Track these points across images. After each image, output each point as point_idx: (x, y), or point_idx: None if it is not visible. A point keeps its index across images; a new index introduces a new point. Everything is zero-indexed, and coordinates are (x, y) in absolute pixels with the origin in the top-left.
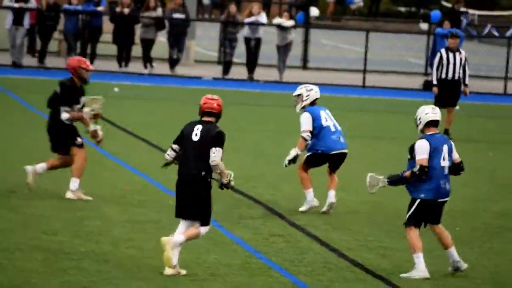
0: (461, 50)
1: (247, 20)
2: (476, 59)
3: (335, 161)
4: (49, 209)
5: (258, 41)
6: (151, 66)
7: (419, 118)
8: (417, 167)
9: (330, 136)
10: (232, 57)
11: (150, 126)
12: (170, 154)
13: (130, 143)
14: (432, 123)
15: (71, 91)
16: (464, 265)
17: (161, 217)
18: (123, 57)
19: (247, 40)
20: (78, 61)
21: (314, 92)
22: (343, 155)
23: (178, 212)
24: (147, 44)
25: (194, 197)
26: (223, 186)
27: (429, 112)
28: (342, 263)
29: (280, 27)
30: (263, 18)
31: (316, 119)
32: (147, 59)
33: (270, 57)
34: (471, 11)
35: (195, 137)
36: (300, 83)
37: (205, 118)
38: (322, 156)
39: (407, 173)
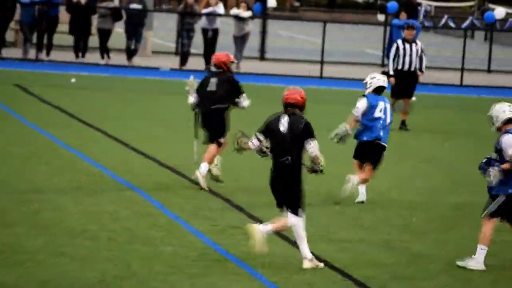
0: (417, 41)
1: (204, 10)
2: (433, 50)
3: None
4: (4, 202)
5: (216, 32)
6: (108, 56)
7: (496, 117)
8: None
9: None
10: (189, 48)
11: (107, 117)
12: (254, 143)
13: (86, 134)
14: (510, 120)
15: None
16: None
17: (117, 208)
18: (80, 47)
19: (204, 31)
20: (227, 56)
21: (377, 80)
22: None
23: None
24: (104, 35)
25: (286, 187)
26: (315, 171)
27: (507, 109)
28: (298, 254)
29: (237, 18)
30: (220, 9)
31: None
32: (104, 49)
33: (228, 48)
34: (427, 2)
35: (282, 128)
36: (257, 74)
37: (290, 110)
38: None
39: (506, 165)
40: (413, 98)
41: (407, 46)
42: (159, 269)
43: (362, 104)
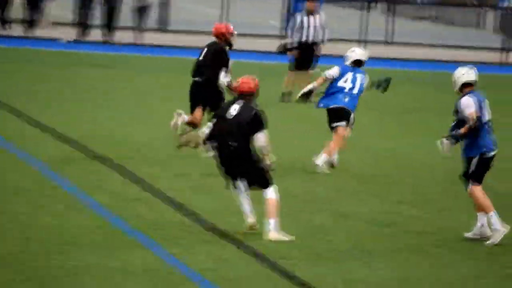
0: (320, 13)
1: None
2: (334, 22)
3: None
4: None
5: (116, 2)
6: (9, 27)
7: (454, 81)
8: (472, 121)
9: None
10: (89, 19)
11: (5, 88)
12: (205, 131)
13: None
14: (468, 84)
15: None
16: (490, 233)
17: (19, 181)
18: None
19: (104, 2)
20: (226, 28)
21: (355, 54)
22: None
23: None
24: (3, 5)
25: (240, 169)
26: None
27: (464, 72)
28: (201, 226)
29: None
30: None
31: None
32: (3, 20)
33: (128, 20)
34: None
35: (232, 113)
36: (159, 46)
37: (244, 98)
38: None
39: (462, 130)
40: (315, 70)
41: (310, 18)
42: (59, 241)
43: (333, 71)
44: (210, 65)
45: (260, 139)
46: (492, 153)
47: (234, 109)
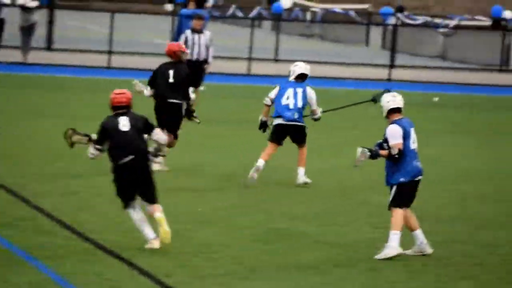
0: (205, 31)
1: None
2: (221, 40)
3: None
4: None
5: (2, 21)
6: None
7: (382, 107)
8: (395, 150)
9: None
10: None
11: None
12: (94, 153)
13: None
14: (395, 110)
15: None
16: (429, 249)
17: None
18: None
19: None
20: (178, 46)
21: (298, 68)
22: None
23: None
24: None
25: (144, 181)
26: (158, 155)
27: (390, 100)
28: (86, 245)
29: (23, 8)
30: None
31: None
32: None
33: (15, 39)
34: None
35: (125, 128)
36: (45, 65)
37: (120, 111)
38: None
39: (384, 152)
40: (202, 88)
41: (196, 36)
42: None
43: (271, 93)
44: (183, 86)
45: (158, 133)
46: (414, 179)
47: (123, 123)
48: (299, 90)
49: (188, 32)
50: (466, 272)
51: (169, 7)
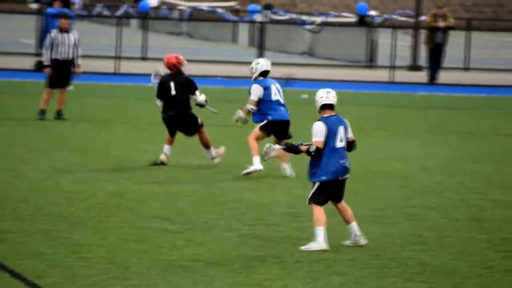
0: (73, 30)
1: None
2: (88, 39)
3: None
4: None
5: None
6: None
7: (315, 101)
8: (313, 147)
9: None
10: None
11: None
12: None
13: None
14: (327, 106)
15: None
16: (363, 241)
17: None
18: None
19: None
20: (177, 58)
21: (260, 65)
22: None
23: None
24: None
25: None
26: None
27: (324, 95)
28: None
29: None
30: None
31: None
32: None
33: None
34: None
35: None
36: None
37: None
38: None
39: (303, 147)
40: (70, 87)
41: (63, 35)
42: None
43: (257, 91)
44: (184, 97)
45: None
46: (337, 178)
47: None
48: (277, 85)
49: (55, 32)
50: (338, 268)
51: (34, 6)
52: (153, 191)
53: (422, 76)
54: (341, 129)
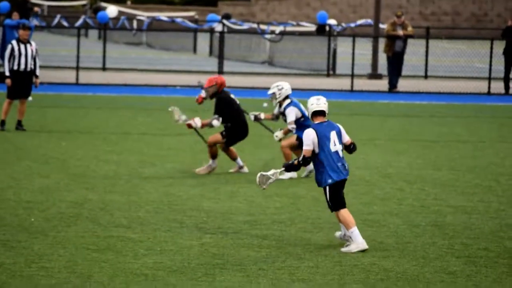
0: (31, 41)
1: None
2: (48, 49)
3: None
4: None
5: None
6: None
7: (307, 109)
8: (301, 156)
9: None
10: None
11: None
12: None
13: None
14: (318, 113)
15: None
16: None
17: None
18: None
19: None
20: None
21: (285, 90)
22: None
23: None
24: None
25: None
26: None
27: (314, 103)
28: None
29: None
30: None
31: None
32: None
33: None
34: (40, 2)
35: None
36: None
37: None
38: None
39: (296, 162)
40: (29, 98)
41: (22, 46)
42: None
43: (294, 113)
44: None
45: None
46: (337, 180)
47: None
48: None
49: (14, 43)
50: (301, 275)
51: None
52: (113, 200)
53: (382, 85)
54: (333, 134)
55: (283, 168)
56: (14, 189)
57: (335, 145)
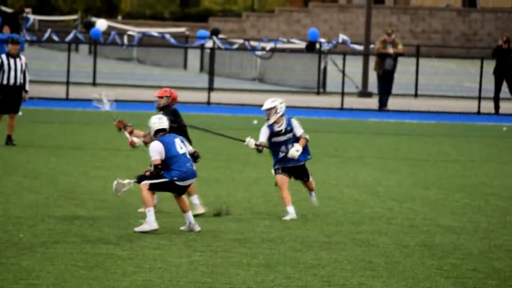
0: (21, 56)
1: None
2: (38, 64)
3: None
4: None
5: None
6: None
7: (149, 127)
8: (153, 167)
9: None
10: None
11: None
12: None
13: None
14: (161, 130)
15: None
16: (197, 228)
17: None
18: None
19: None
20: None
21: (284, 105)
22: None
23: None
24: None
25: None
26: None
27: (156, 122)
28: None
29: None
30: None
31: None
32: None
33: None
34: (31, 16)
35: None
36: None
37: None
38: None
39: (148, 173)
40: (19, 113)
41: (12, 61)
42: None
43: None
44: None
45: None
46: (187, 179)
47: None
48: None
49: (3, 57)
50: None
51: None
52: (102, 216)
53: (372, 103)
54: (177, 140)
55: (135, 179)
56: (3, 205)
57: (181, 148)
